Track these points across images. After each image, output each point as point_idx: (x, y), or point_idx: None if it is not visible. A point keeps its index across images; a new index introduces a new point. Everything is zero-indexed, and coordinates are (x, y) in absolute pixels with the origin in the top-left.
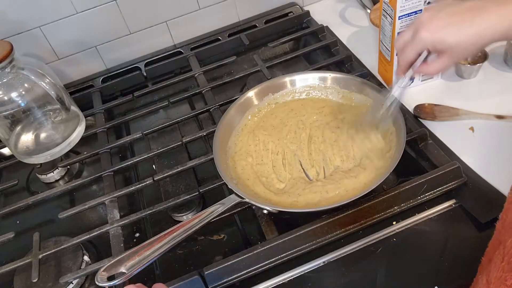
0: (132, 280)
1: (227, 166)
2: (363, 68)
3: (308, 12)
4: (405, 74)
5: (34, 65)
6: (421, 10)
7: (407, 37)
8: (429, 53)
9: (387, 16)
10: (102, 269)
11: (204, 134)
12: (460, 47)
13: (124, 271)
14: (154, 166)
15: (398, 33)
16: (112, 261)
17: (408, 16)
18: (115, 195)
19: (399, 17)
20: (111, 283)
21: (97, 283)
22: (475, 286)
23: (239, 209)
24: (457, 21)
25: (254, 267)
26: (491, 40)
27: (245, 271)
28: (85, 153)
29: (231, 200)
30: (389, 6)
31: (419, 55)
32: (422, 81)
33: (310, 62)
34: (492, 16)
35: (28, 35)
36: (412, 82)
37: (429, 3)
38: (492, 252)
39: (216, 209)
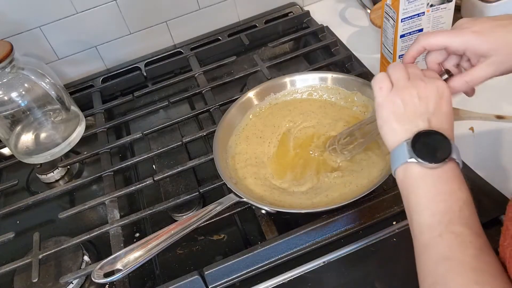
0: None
1: (227, 165)
2: (363, 68)
3: (308, 12)
4: (417, 52)
5: (34, 65)
6: (423, 12)
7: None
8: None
9: (389, 18)
10: (98, 266)
11: (204, 134)
12: (505, 52)
13: (120, 268)
14: (154, 166)
15: (400, 36)
16: (109, 258)
17: (411, 18)
18: (115, 195)
19: (401, 19)
20: (108, 279)
21: (93, 279)
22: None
23: (239, 209)
24: (504, 25)
25: (254, 267)
26: None
27: (245, 271)
28: (85, 153)
29: (229, 200)
30: (391, 9)
31: (443, 55)
32: None
33: (310, 62)
34: None
35: (28, 35)
36: None
37: (432, 5)
38: None
39: (214, 208)
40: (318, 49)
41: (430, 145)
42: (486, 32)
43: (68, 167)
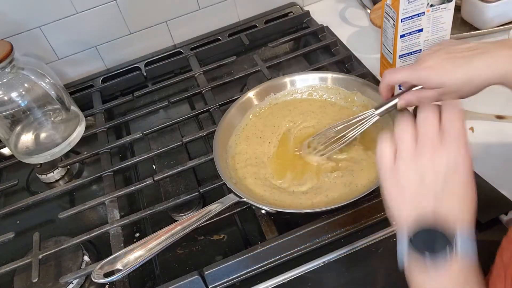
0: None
1: (227, 165)
2: (363, 68)
3: (308, 12)
4: (387, 97)
5: (34, 65)
6: (423, 12)
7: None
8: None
9: (389, 18)
10: (98, 266)
11: (204, 134)
12: (453, 84)
13: (120, 268)
14: (154, 166)
15: (400, 36)
16: (109, 258)
17: (411, 18)
18: (115, 195)
19: (401, 19)
20: (108, 279)
21: (93, 279)
22: None
23: (239, 209)
24: (456, 57)
25: (254, 267)
26: (486, 82)
27: (245, 271)
28: (85, 153)
29: (229, 199)
30: (391, 9)
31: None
32: None
33: (310, 62)
34: (490, 57)
35: (28, 35)
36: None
37: (432, 5)
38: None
39: (214, 208)
40: (318, 49)
41: (430, 241)
42: (437, 67)
43: (68, 167)
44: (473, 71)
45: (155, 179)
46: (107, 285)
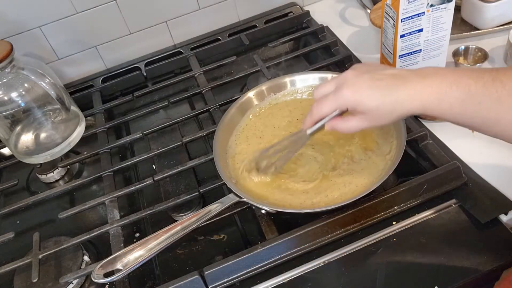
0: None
1: (227, 165)
2: None
3: (308, 12)
4: (314, 125)
5: (34, 65)
6: (423, 12)
7: (328, 90)
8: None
9: (389, 18)
10: (98, 266)
11: (204, 134)
12: (377, 112)
13: (120, 268)
14: (154, 166)
15: (400, 36)
16: (109, 258)
17: (411, 18)
18: (115, 195)
19: (401, 19)
20: (108, 279)
21: (93, 279)
22: None
23: (239, 209)
24: (380, 86)
25: (254, 267)
26: (408, 111)
27: (245, 271)
28: (85, 153)
29: (229, 199)
30: (391, 9)
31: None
32: None
33: (310, 62)
34: (412, 87)
35: (28, 35)
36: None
37: (432, 5)
38: None
39: (214, 208)
40: (318, 49)
41: None
42: (362, 94)
43: (68, 167)
44: (398, 101)
45: (155, 179)
46: (107, 285)
